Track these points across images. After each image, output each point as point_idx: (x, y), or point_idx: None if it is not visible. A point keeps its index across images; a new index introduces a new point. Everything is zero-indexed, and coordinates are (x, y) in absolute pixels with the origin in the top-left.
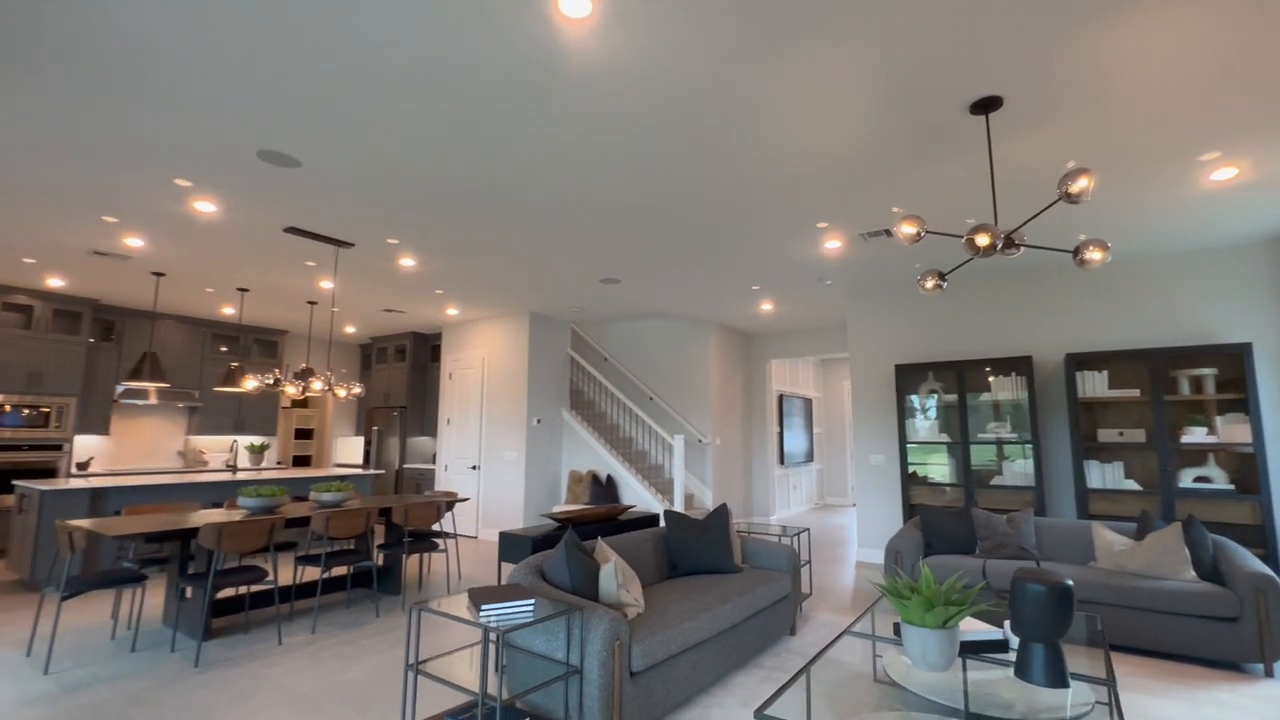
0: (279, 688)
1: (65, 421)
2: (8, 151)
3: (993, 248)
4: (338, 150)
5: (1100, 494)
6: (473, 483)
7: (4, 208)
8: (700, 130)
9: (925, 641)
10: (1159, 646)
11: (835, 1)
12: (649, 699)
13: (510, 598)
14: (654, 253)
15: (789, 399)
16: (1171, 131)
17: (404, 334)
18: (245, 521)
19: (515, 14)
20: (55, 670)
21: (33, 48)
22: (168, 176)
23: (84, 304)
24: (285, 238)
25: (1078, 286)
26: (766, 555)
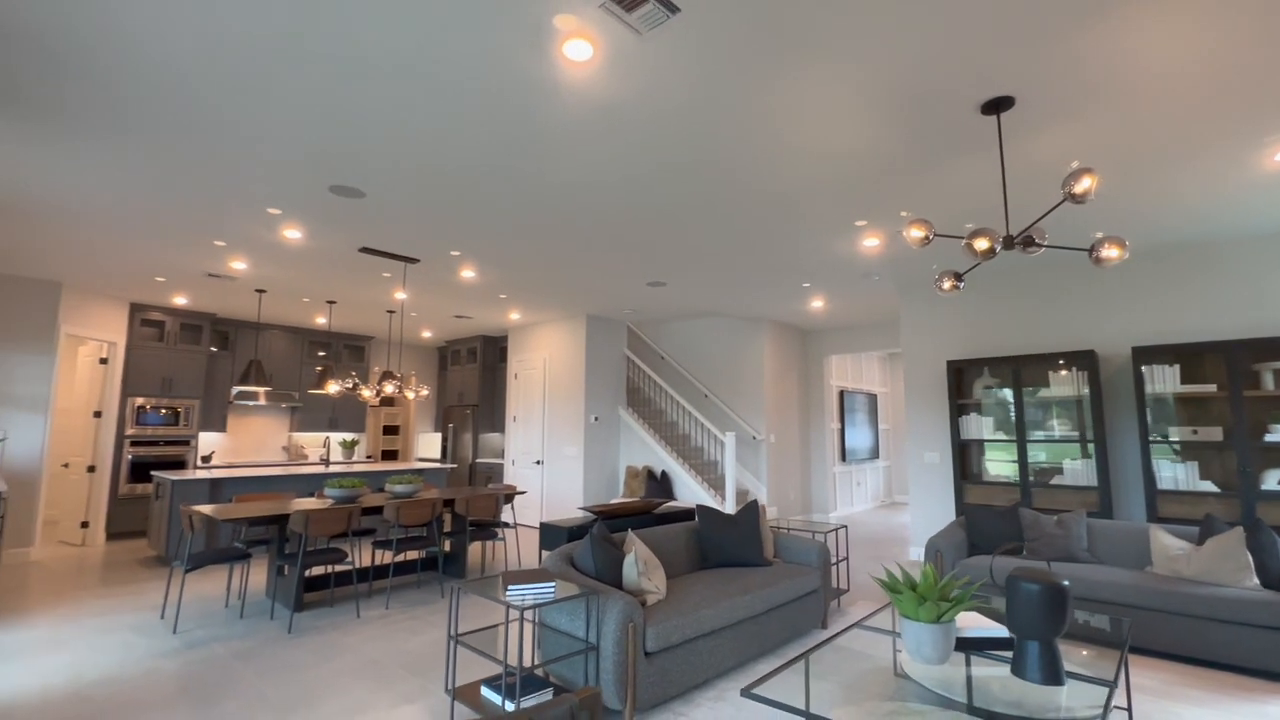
0: (354, 653)
1: (191, 420)
2: (137, 194)
3: (991, 252)
4: (395, 182)
5: (1172, 496)
6: (537, 477)
7: (137, 238)
8: (718, 145)
9: (919, 635)
10: (1211, 656)
11: (833, 29)
12: (664, 677)
13: (536, 581)
14: (694, 256)
15: (852, 394)
16: (1230, 113)
17: (474, 337)
18: (328, 509)
19: (536, 63)
20: (181, 630)
21: (148, 117)
22: (261, 207)
23: (204, 318)
24: (360, 256)
25: (1146, 275)
26: (798, 550)
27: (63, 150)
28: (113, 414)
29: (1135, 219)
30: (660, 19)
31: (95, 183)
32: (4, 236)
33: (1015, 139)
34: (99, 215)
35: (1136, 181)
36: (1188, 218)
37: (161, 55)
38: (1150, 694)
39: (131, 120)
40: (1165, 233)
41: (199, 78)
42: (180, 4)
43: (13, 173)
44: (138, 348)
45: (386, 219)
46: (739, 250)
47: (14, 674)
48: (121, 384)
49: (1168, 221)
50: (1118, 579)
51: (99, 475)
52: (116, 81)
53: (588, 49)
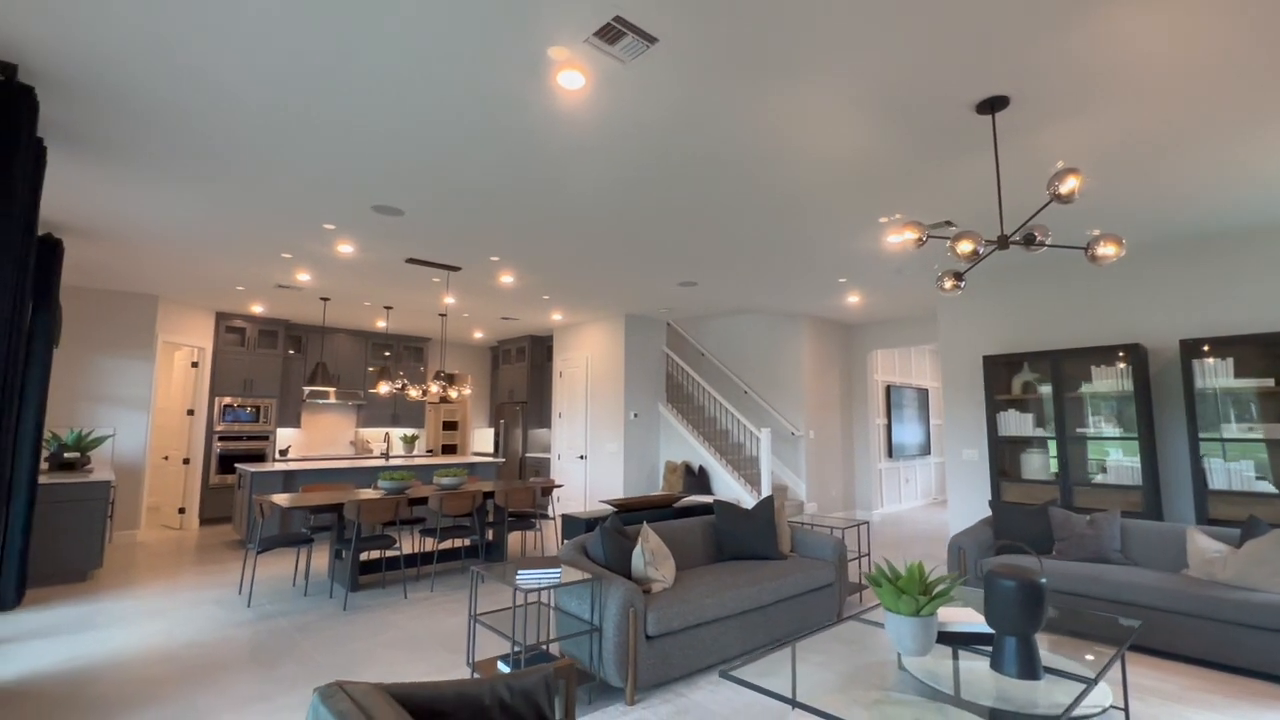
0: (399, 629)
1: (270, 417)
2: (215, 219)
3: (975, 254)
4: (427, 200)
5: (1225, 496)
6: (581, 470)
7: (217, 254)
8: (721, 153)
9: (900, 627)
10: (1241, 662)
11: (814, 45)
12: (665, 660)
13: (546, 567)
14: (718, 256)
15: (900, 389)
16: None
17: (523, 337)
18: (378, 499)
19: (536, 92)
20: (255, 605)
21: (221, 162)
22: (317, 224)
23: (278, 324)
24: (407, 266)
25: (1198, 265)
26: (814, 545)
27: (154, 189)
28: (203, 412)
29: (1183, 204)
30: (640, 49)
31: (181, 212)
32: (110, 258)
33: (1018, 136)
34: (185, 237)
35: (1169, 168)
36: (1232, 203)
37: (231, 114)
38: (1165, 697)
39: (208, 164)
40: (1213, 218)
41: (259, 129)
42: (246, 78)
43: (117, 207)
44: (223, 352)
45: (426, 232)
46: (761, 249)
47: (120, 635)
48: (210, 385)
49: (1211, 206)
50: (1144, 580)
51: (192, 467)
52: (197, 135)
53: (580, 78)
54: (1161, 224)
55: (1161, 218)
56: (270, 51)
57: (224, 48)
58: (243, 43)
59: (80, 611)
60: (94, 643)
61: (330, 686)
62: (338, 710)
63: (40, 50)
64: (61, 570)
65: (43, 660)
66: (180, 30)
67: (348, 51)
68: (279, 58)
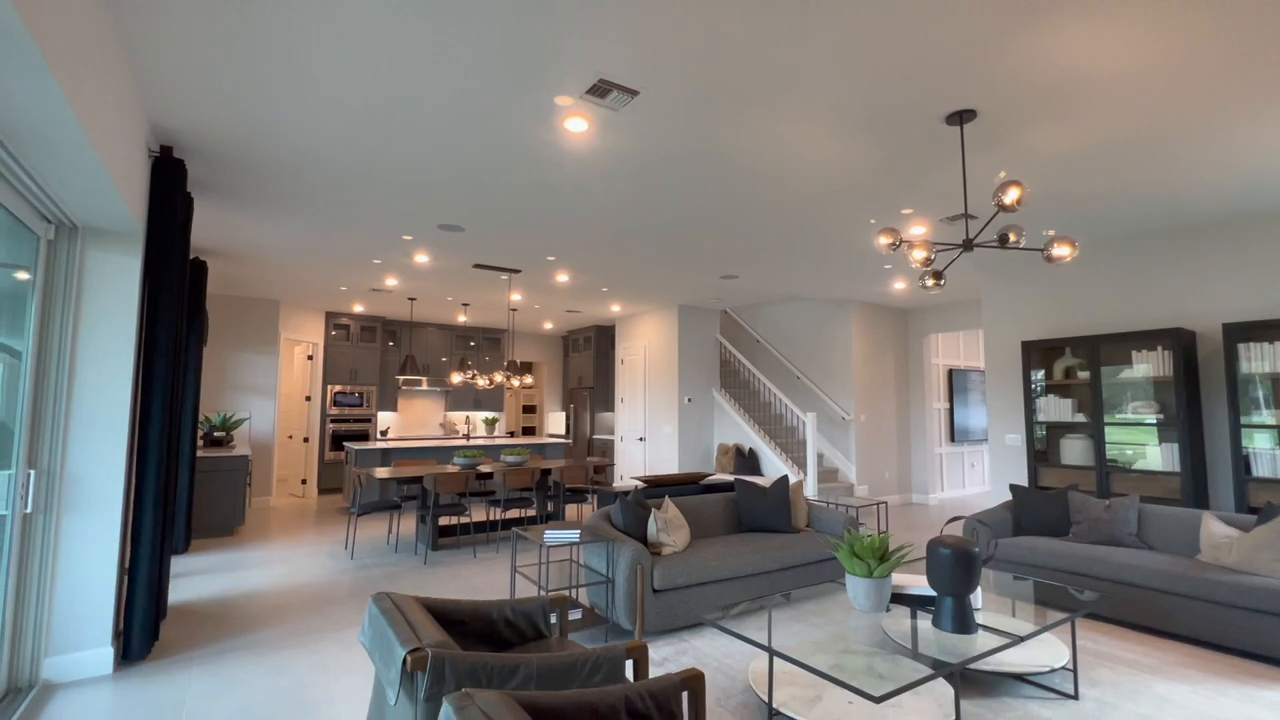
0: (464, 580)
1: (371, 402)
2: (317, 237)
3: (929, 261)
4: (481, 217)
5: (1269, 484)
6: (640, 452)
7: (322, 264)
8: (724, 168)
9: (855, 586)
10: (1235, 643)
11: (779, 84)
12: (669, 611)
13: (570, 529)
14: (751, 252)
15: (963, 373)
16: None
17: (589, 327)
18: (451, 473)
19: (549, 133)
20: (356, 557)
21: (320, 197)
22: (397, 237)
23: (376, 320)
24: (475, 270)
25: (1245, 246)
26: (829, 522)
27: (271, 220)
28: (318, 398)
29: (1197, 188)
30: (626, 100)
31: (292, 235)
32: (242, 272)
33: (998, 141)
34: (296, 253)
35: (1177, 156)
36: (1262, 183)
37: (321, 168)
38: (1139, 669)
39: (308, 201)
40: (1251, 200)
41: (341, 175)
42: (329, 141)
43: (245, 235)
44: (332, 346)
45: (485, 243)
46: (782, 246)
47: (256, 575)
48: (322, 374)
49: (1231, 188)
50: (1146, 563)
51: (311, 445)
52: (299, 183)
53: (583, 124)
54: (1184, 209)
55: (1179, 203)
56: (344, 121)
57: (313, 122)
58: (324, 117)
59: (229, 557)
60: (238, 579)
61: (380, 594)
62: (382, 607)
63: (189, 132)
64: (215, 526)
65: (205, 590)
66: (281, 113)
67: (402, 115)
68: (351, 124)
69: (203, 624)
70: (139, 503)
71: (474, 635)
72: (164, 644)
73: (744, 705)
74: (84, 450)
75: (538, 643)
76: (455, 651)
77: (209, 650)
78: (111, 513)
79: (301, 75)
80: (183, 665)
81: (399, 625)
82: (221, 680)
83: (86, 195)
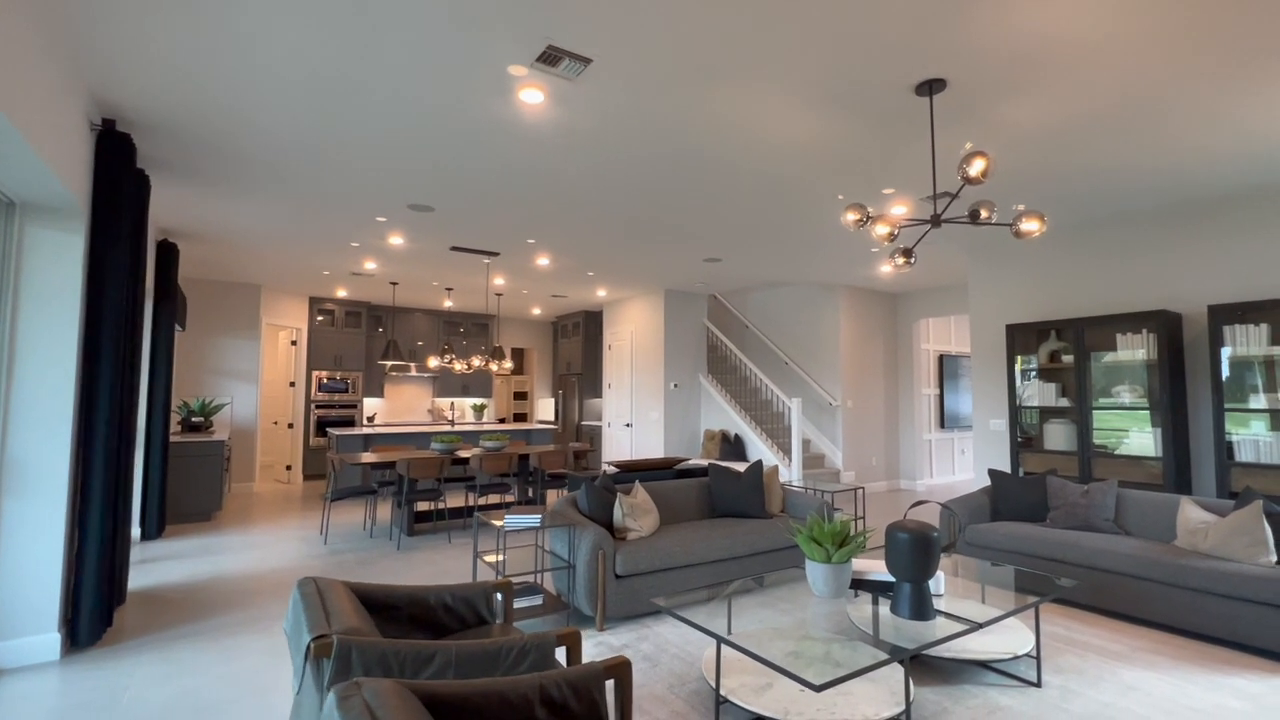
0: (435, 565)
1: (357, 388)
2: (289, 219)
3: (893, 236)
4: (450, 197)
5: (1253, 469)
6: (628, 438)
7: (300, 247)
8: (689, 144)
9: (814, 572)
10: (1208, 630)
11: (741, 56)
12: (632, 596)
13: (532, 514)
14: (732, 234)
15: (954, 359)
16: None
17: (577, 313)
18: (424, 458)
19: (505, 106)
20: (330, 543)
21: (288, 177)
22: (370, 218)
23: (361, 305)
24: (454, 254)
25: (1232, 227)
26: (804, 507)
27: (238, 201)
28: (302, 384)
29: (1194, 166)
30: (579, 69)
31: (262, 216)
32: (218, 256)
33: (971, 114)
34: (270, 235)
35: (1163, 129)
36: (1246, 161)
37: (276, 145)
38: (1106, 655)
39: (272, 180)
40: (1237, 178)
41: (298, 152)
42: (282, 119)
43: (213, 217)
44: (316, 331)
45: (459, 224)
46: (763, 226)
47: (227, 561)
48: (306, 360)
49: (1227, 168)
50: (1119, 548)
51: (295, 431)
52: (257, 161)
53: (539, 95)
54: (1169, 188)
55: (1164, 182)
56: (291, 94)
57: (260, 98)
58: (270, 92)
59: (202, 542)
60: (208, 565)
61: (305, 579)
62: (304, 592)
63: (134, 106)
64: (192, 511)
65: (172, 575)
66: (227, 88)
67: (353, 86)
68: (299, 96)
69: (163, 609)
70: (85, 487)
71: (410, 621)
72: (118, 629)
73: (696, 693)
74: (26, 433)
75: (479, 629)
76: (365, 638)
77: (164, 635)
78: (56, 498)
79: (242, 47)
80: (134, 651)
81: (314, 611)
82: (171, 665)
83: (15, 170)
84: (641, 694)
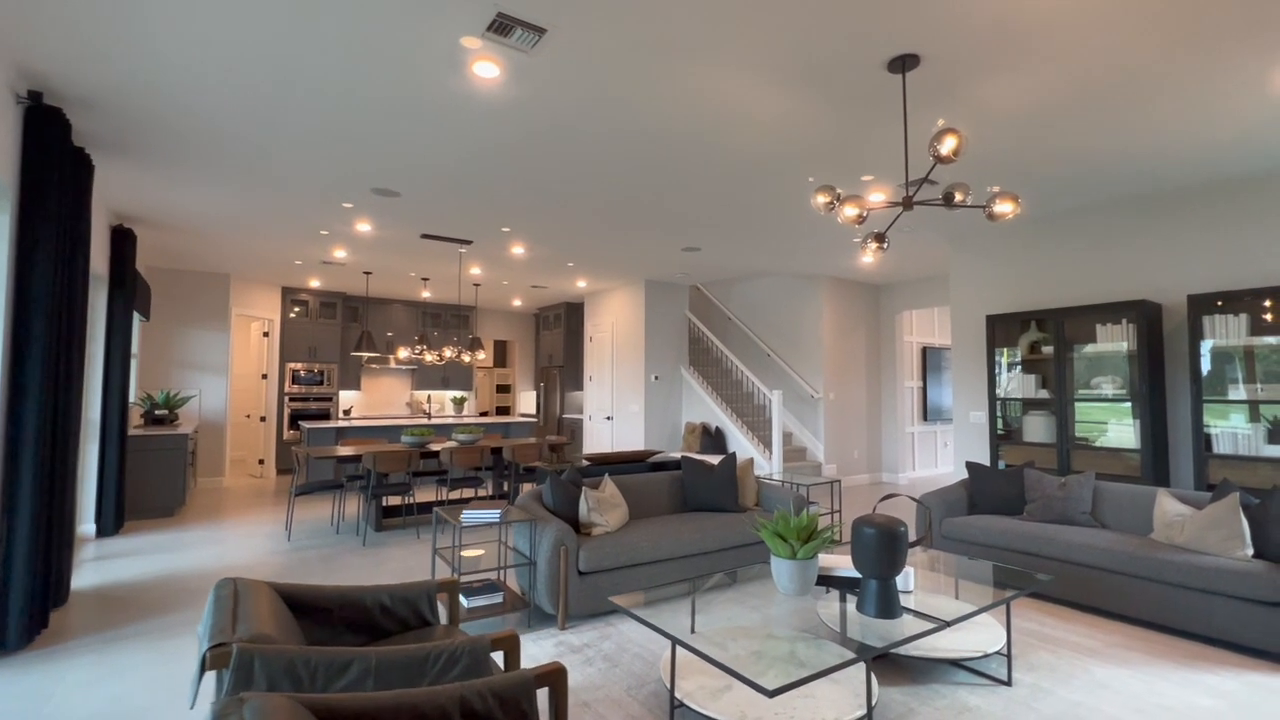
0: (399, 562)
1: (332, 380)
2: (251, 205)
3: (861, 218)
4: (413, 182)
5: (1230, 461)
6: (608, 430)
7: (265, 236)
8: (655, 126)
9: (779, 568)
10: (1180, 624)
11: (705, 31)
12: (595, 593)
13: (493, 509)
14: (703, 223)
15: (938, 351)
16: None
17: (559, 304)
18: (391, 451)
19: (461, 82)
20: (294, 539)
21: (243, 161)
22: (337, 204)
23: (336, 296)
24: (426, 242)
25: (1213, 216)
26: (779, 500)
27: (194, 185)
28: (275, 376)
29: (1175, 151)
30: (534, 39)
31: (222, 202)
32: (183, 244)
33: (947, 93)
34: (234, 222)
35: (1143, 112)
36: (1226, 148)
37: (227, 123)
38: (1079, 651)
39: (226, 163)
40: (1216, 166)
41: (252, 131)
42: (231, 97)
43: (171, 202)
44: (289, 323)
45: (427, 211)
46: (739, 213)
47: (183, 558)
48: (279, 352)
49: (1207, 154)
50: (1096, 542)
51: (268, 424)
52: (210, 142)
53: (494, 69)
54: (1150, 176)
55: (1146, 169)
56: (233, 68)
57: (208, 77)
58: (223, 69)
59: (161, 539)
60: (163, 562)
61: (225, 580)
62: (220, 595)
63: (65, 78)
64: (153, 507)
65: (123, 573)
66: (175, 66)
67: (298, 60)
68: (246, 80)
69: (106, 610)
70: (11, 481)
71: (343, 625)
72: (53, 631)
73: (655, 695)
74: None
75: (421, 632)
76: (270, 646)
77: (102, 638)
78: None
79: (173, 20)
80: (67, 654)
81: (222, 616)
82: (104, 669)
83: None
84: (598, 696)
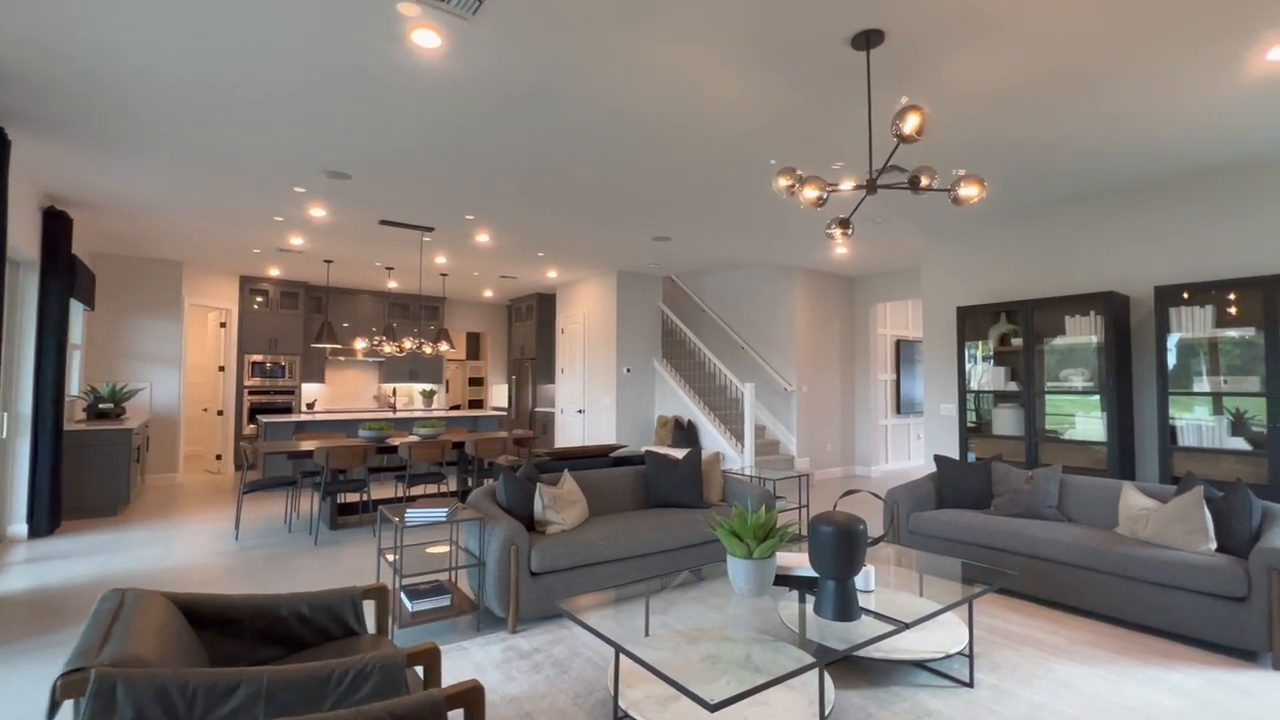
0: (350, 561)
1: (294, 373)
2: (198, 185)
3: (821, 200)
4: (363, 163)
5: (1195, 453)
6: (580, 424)
7: (215, 221)
8: (618, 110)
9: (735, 568)
10: (1145, 620)
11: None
12: (548, 594)
13: (439, 507)
14: (671, 211)
15: (911, 344)
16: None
17: (531, 295)
18: (343, 446)
19: (401, 53)
20: (241, 539)
21: (182, 137)
22: (288, 188)
23: (298, 286)
24: (386, 230)
25: (1180, 207)
26: (745, 496)
27: (131, 166)
28: (233, 368)
29: (1144, 141)
30: (473, 4)
31: (163, 184)
32: (128, 229)
33: (913, 73)
34: (182, 207)
35: (1113, 100)
36: (1196, 138)
37: (162, 98)
38: (1043, 649)
39: (164, 140)
40: (1186, 157)
41: (189, 109)
42: (166, 66)
43: (107, 183)
44: (248, 313)
45: (381, 194)
46: (708, 200)
47: (119, 560)
48: (238, 343)
49: (1177, 144)
50: (1061, 536)
51: (225, 418)
52: (142, 117)
53: (435, 38)
54: (1120, 167)
55: (1115, 160)
56: (180, 44)
57: (123, 45)
58: (156, 39)
59: (100, 539)
60: (97, 565)
61: (112, 591)
62: (101, 609)
63: None
64: (94, 505)
65: (49, 577)
66: (89, 37)
67: (228, 28)
68: (172, 52)
69: (11, 620)
70: None
71: (256, 637)
72: None
73: (602, 703)
74: None
75: (344, 642)
76: (138, 670)
77: (13, 649)
78: None
79: None
80: None
81: (92, 634)
82: (4, 686)
83: None
84: (541, 706)
